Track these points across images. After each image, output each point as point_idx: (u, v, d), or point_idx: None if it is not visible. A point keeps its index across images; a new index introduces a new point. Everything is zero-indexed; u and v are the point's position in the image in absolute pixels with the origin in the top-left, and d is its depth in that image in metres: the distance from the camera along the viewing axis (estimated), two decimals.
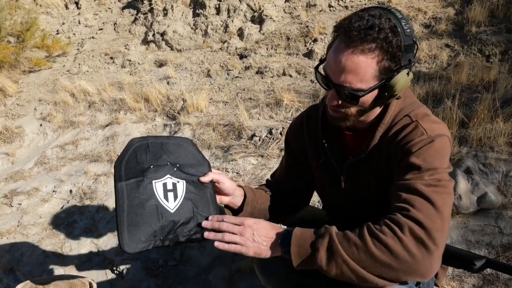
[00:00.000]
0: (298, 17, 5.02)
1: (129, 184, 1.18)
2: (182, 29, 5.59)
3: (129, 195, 1.16)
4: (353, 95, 1.10)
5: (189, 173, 1.27)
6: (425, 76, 3.54)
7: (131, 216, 1.14)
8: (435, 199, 1.02)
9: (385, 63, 1.07)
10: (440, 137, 1.13)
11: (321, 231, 1.07)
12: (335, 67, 1.10)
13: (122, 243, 1.11)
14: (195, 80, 4.70)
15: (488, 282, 2.03)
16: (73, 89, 4.97)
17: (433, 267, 0.99)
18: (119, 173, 1.19)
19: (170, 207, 1.19)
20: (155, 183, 1.21)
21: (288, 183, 1.56)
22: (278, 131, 3.26)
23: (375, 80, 1.09)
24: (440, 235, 1.00)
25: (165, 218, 1.17)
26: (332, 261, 1.02)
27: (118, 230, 1.12)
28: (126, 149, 1.24)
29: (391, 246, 0.97)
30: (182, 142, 1.32)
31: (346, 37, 1.06)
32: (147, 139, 1.28)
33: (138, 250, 1.13)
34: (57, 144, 4.31)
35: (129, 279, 2.60)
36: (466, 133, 2.73)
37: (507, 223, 2.25)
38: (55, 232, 3.17)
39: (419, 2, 4.62)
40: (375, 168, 1.26)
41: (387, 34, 1.04)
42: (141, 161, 1.22)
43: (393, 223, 1.01)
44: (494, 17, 4.05)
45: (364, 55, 1.05)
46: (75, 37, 6.51)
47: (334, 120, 1.24)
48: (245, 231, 1.12)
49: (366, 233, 1.01)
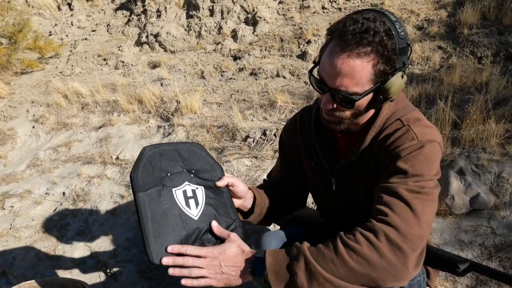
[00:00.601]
0: (292, 19, 5.03)
1: (150, 194, 1.15)
2: (176, 30, 5.58)
3: (151, 205, 1.13)
4: (348, 99, 1.10)
5: (205, 178, 1.26)
6: (418, 78, 3.56)
7: (156, 227, 1.11)
8: (415, 205, 1.03)
9: (381, 66, 1.06)
10: (430, 143, 1.12)
11: (293, 251, 1.05)
12: (330, 71, 1.09)
13: (150, 255, 1.07)
14: (189, 81, 4.69)
15: (481, 282, 2.04)
16: (66, 90, 4.95)
17: (410, 271, 0.99)
18: (137, 183, 1.15)
19: (193, 214, 1.17)
20: (175, 191, 1.19)
21: (284, 184, 1.57)
22: (272, 132, 3.27)
23: (370, 84, 1.09)
24: (417, 241, 1.00)
25: (189, 226, 1.15)
26: (313, 281, 1.00)
27: (145, 242, 1.09)
28: (140, 159, 1.21)
29: (368, 256, 0.97)
30: (193, 148, 1.30)
31: (341, 40, 1.05)
32: (159, 146, 1.26)
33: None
34: (49, 146, 4.28)
35: (122, 282, 2.58)
36: (459, 134, 2.75)
37: (500, 223, 2.27)
38: (47, 234, 3.15)
39: (412, 4, 4.65)
40: (365, 171, 1.26)
41: (382, 38, 1.04)
42: (157, 170, 1.20)
43: (367, 230, 1.01)
44: (486, 19, 4.08)
45: (360, 58, 1.04)
46: (67, 38, 6.47)
47: (329, 124, 1.23)
48: (211, 263, 1.08)
49: (340, 246, 1.00)
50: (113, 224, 3.05)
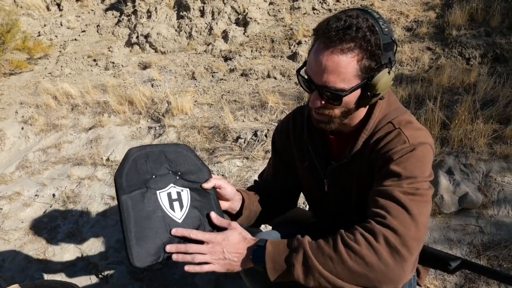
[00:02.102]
0: (282, 20, 5.05)
1: (133, 197, 1.14)
2: (166, 31, 5.57)
3: (134, 208, 1.12)
4: (335, 95, 1.10)
5: (191, 180, 1.25)
6: (408, 79, 3.60)
7: (139, 230, 1.10)
8: (411, 207, 1.04)
9: (365, 61, 1.07)
10: (422, 145, 1.14)
11: (294, 244, 1.07)
12: (316, 69, 1.10)
13: (131, 258, 1.07)
14: (180, 82, 4.68)
15: (470, 280, 2.07)
16: (55, 91, 4.91)
17: (406, 274, 1.00)
18: (121, 185, 1.14)
19: (177, 217, 1.16)
20: (160, 194, 1.17)
21: (275, 184, 1.57)
22: (263, 133, 3.27)
23: (357, 79, 1.09)
24: (415, 243, 1.01)
25: (172, 229, 1.14)
26: (309, 275, 1.02)
27: (126, 244, 1.07)
28: (125, 160, 1.19)
29: (366, 257, 0.98)
30: (180, 149, 1.29)
31: (325, 38, 1.07)
32: (145, 148, 1.24)
33: (148, 264, 1.09)
34: (39, 148, 4.25)
35: (113, 284, 2.57)
36: (447, 134, 2.78)
37: (488, 222, 2.30)
38: (37, 237, 3.12)
39: (401, 5, 4.69)
40: (357, 173, 1.27)
41: (365, 33, 1.05)
42: (142, 172, 1.19)
43: (367, 231, 1.02)
44: (474, 21, 4.13)
45: (344, 54, 1.05)
46: (57, 39, 6.42)
47: (319, 123, 1.23)
48: (214, 249, 1.10)
49: (340, 245, 1.02)
50: (103, 225, 3.04)
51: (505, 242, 2.18)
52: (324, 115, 1.19)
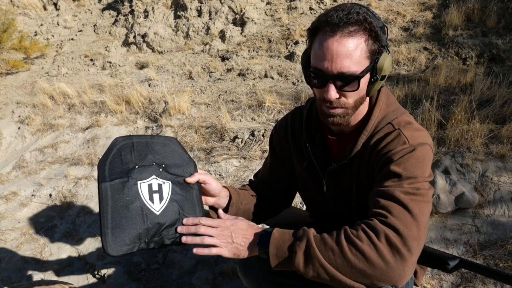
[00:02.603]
0: (280, 20, 5.05)
1: (114, 185, 1.14)
2: (163, 31, 5.56)
3: (113, 196, 1.13)
4: (353, 78, 1.10)
5: (175, 173, 1.25)
6: (404, 79, 3.61)
7: (116, 218, 1.11)
8: (412, 207, 1.04)
9: (371, 42, 1.10)
10: (422, 145, 1.14)
11: (299, 233, 1.08)
12: (328, 57, 1.09)
13: (105, 246, 1.07)
14: (177, 82, 4.68)
15: (466, 280, 2.07)
16: (52, 91, 4.90)
17: (406, 274, 1.00)
18: (102, 173, 1.15)
19: (156, 209, 1.16)
20: (140, 184, 1.18)
21: (271, 184, 1.57)
22: (260, 133, 3.28)
23: (367, 61, 1.11)
24: (415, 243, 1.01)
25: (150, 220, 1.14)
26: (309, 264, 1.03)
27: (102, 232, 1.08)
28: (110, 148, 1.20)
29: (367, 253, 0.99)
30: (167, 142, 1.29)
31: (329, 27, 1.08)
32: (132, 138, 1.24)
33: (122, 253, 1.09)
34: (36, 148, 4.24)
35: (111, 284, 2.57)
36: (444, 134, 2.79)
37: (484, 222, 2.31)
38: (34, 237, 3.12)
39: (398, 5, 4.70)
40: (357, 174, 1.27)
41: (365, 16, 1.09)
42: (126, 161, 1.19)
43: (370, 229, 1.02)
44: (470, 21, 4.15)
45: (352, 37, 1.07)
46: (54, 38, 6.41)
47: (332, 118, 1.20)
48: (223, 233, 1.12)
49: (343, 239, 1.02)
50: None
51: (501, 242, 2.19)
52: (339, 109, 1.17)
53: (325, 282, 1.04)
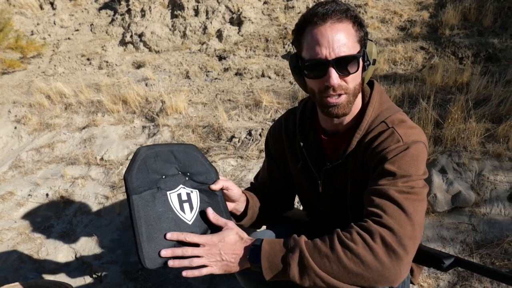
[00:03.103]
0: (277, 19, 5.05)
1: (144, 197, 1.12)
2: (160, 30, 5.55)
3: (145, 209, 1.11)
4: (353, 57, 1.13)
5: (199, 181, 1.24)
6: (401, 78, 3.61)
7: (150, 231, 1.09)
8: (407, 206, 1.04)
9: (357, 28, 1.15)
10: (416, 143, 1.14)
11: (290, 243, 1.06)
12: (325, 44, 1.11)
13: (142, 259, 1.05)
14: (174, 81, 4.67)
15: (463, 278, 2.08)
16: (48, 91, 4.88)
17: (402, 273, 1.00)
18: (131, 185, 1.13)
19: (188, 219, 1.16)
20: (170, 195, 1.16)
21: (271, 186, 1.57)
22: (257, 132, 3.28)
23: (358, 46, 1.15)
24: (411, 242, 1.01)
25: (183, 230, 1.13)
26: (305, 275, 1.02)
27: (138, 246, 1.06)
28: (134, 160, 1.18)
29: (363, 256, 0.98)
30: (188, 149, 1.28)
31: (318, 17, 1.12)
32: (154, 147, 1.23)
33: (159, 265, 1.07)
34: (32, 147, 4.22)
35: (107, 283, 2.57)
36: (441, 133, 2.80)
37: (480, 220, 2.32)
38: (31, 236, 3.11)
39: (395, 5, 4.71)
40: (351, 174, 1.27)
41: (348, 7, 1.14)
42: (151, 171, 1.17)
43: (364, 230, 1.02)
44: (467, 21, 4.16)
45: (342, 22, 1.12)
46: (50, 38, 6.38)
47: (339, 109, 1.19)
48: (211, 251, 1.09)
49: (337, 243, 1.02)
50: (97, 225, 3.03)
51: (497, 240, 2.19)
52: (343, 95, 1.17)
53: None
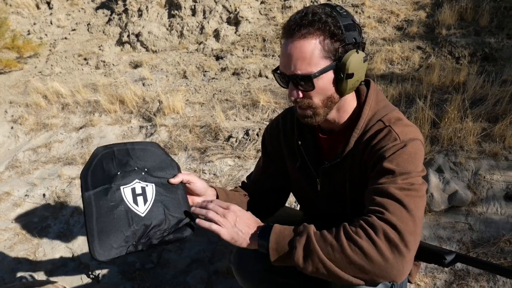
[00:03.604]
0: (274, 19, 5.05)
1: (97, 193, 1.16)
2: (158, 30, 5.54)
3: (97, 203, 1.14)
4: (306, 78, 1.13)
5: (158, 176, 1.26)
6: (398, 77, 3.62)
7: (101, 224, 1.11)
8: (407, 203, 1.05)
9: (328, 42, 1.12)
10: (413, 141, 1.15)
11: (299, 229, 1.09)
12: (284, 60, 1.15)
13: (93, 252, 1.08)
14: (171, 81, 4.67)
15: (459, 277, 2.09)
16: (45, 90, 4.87)
17: (404, 270, 1.01)
18: (85, 183, 1.17)
19: (140, 211, 1.18)
20: (123, 189, 1.19)
21: (264, 184, 1.57)
22: (254, 132, 3.28)
23: (325, 61, 1.13)
24: (412, 238, 1.02)
25: (136, 222, 1.15)
26: (309, 259, 1.04)
27: (88, 239, 1.09)
28: (92, 159, 1.22)
29: (366, 249, 1.00)
30: (148, 146, 1.31)
31: (287, 31, 1.14)
32: (112, 146, 1.27)
33: (110, 257, 1.10)
34: (29, 147, 4.21)
35: (105, 283, 2.56)
36: (437, 133, 2.80)
37: (477, 220, 2.33)
38: (27, 237, 3.10)
39: (392, 5, 4.72)
40: (350, 172, 1.28)
41: (321, 16, 1.11)
42: (107, 169, 1.21)
43: (368, 225, 1.03)
44: (463, 20, 4.17)
45: (305, 39, 1.11)
46: (47, 37, 6.37)
47: (305, 119, 1.25)
48: (229, 214, 1.14)
49: (342, 235, 1.03)
50: None
51: (494, 239, 2.20)
52: (307, 108, 1.21)
53: (324, 277, 1.05)
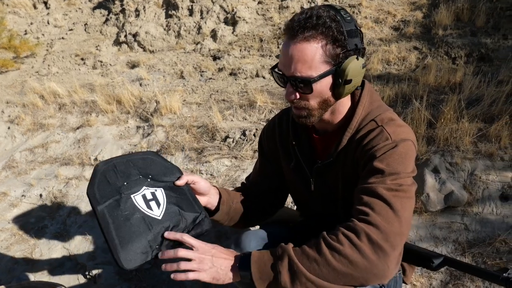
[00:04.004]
0: (271, 19, 5.06)
1: (108, 206, 1.16)
2: (155, 30, 5.54)
3: (112, 215, 1.14)
4: (305, 81, 1.13)
5: (163, 180, 1.27)
6: (395, 78, 3.63)
7: (121, 234, 1.11)
8: (394, 203, 1.05)
9: (330, 47, 1.11)
10: (404, 141, 1.16)
11: (278, 252, 1.08)
12: (285, 61, 1.15)
13: (120, 262, 1.07)
14: (168, 81, 4.66)
15: (455, 277, 2.10)
16: (42, 91, 4.86)
17: (390, 269, 1.02)
18: (94, 198, 1.17)
19: (156, 215, 1.18)
20: (134, 197, 1.20)
21: (262, 185, 1.58)
22: (251, 132, 3.28)
23: (325, 66, 1.12)
24: (398, 238, 1.03)
25: (154, 226, 1.15)
26: (296, 281, 1.03)
27: (112, 251, 1.08)
28: (94, 175, 1.22)
29: (350, 256, 1.00)
30: (146, 155, 1.32)
31: (289, 31, 1.13)
32: (112, 160, 1.28)
33: (138, 264, 1.09)
34: (26, 148, 4.20)
35: (102, 284, 2.56)
36: (434, 133, 2.81)
37: (473, 220, 2.34)
38: (24, 237, 3.10)
39: (389, 5, 4.73)
40: (342, 172, 1.28)
41: (325, 20, 1.10)
42: (113, 182, 1.21)
43: (349, 230, 1.03)
44: (460, 21, 4.18)
45: (307, 42, 1.10)
46: (44, 37, 6.36)
47: (300, 119, 1.25)
48: (203, 255, 1.10)
49: (324, 247, 1.03)
50: (91, 226, 3.02)
51: (489, 239, 2.21)
52: (302, 109, 1.21)
53: None
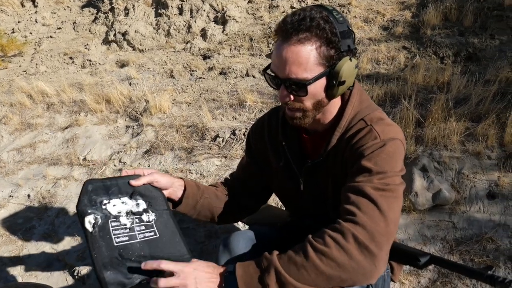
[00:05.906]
0: (261, 18, 5.06)
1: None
2: (144, 29, 5.51)
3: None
4: (300, 84, 1.13)
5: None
6: (384, 77, 3.65)
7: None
8: (381, 203, 1.06)
9: (324, 49, 1.11)
10: (392, 140, 1.16)
11: (263, 263, 1.05)
12: (279, 63, 1.14)
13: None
14: (158, 81, 4.64)
15: (443, 275, 2.11)
16: (30, 90, 4.81)
17: (377, 269, 1.02)
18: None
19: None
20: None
21: (246, 182, 1.58)
22: (241, 132, 3.28)
23: (319, 68, 1.13)
24: (384, 238, 1.03)
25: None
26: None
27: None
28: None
29: (337, 258, 1.00)
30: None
31: (282, 32, 1.12)
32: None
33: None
34: (13, 147, 4.16)
35: (90, 284, 2.55)
36: (422, 132, 2.83)
37: (460, 218, 2.36)
38: (12, 238, 3.06)
39: (378, 4, 4.75)
40: (332, 171, 1.29)
41: (319, 22, 1.10)
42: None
43: (336, 232, 1.03)
44: (448, 20, 4.22)
45: (302, 44, 1.10)
46: (32, 36, 6.29)
47: (293, 120, 1.24)
48: (186, 281, 1.03)
49: (310, 251, 1.02)
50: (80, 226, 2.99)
51: (476, 237, 2.23)
52: (296, 110, 1.21)
53: None
